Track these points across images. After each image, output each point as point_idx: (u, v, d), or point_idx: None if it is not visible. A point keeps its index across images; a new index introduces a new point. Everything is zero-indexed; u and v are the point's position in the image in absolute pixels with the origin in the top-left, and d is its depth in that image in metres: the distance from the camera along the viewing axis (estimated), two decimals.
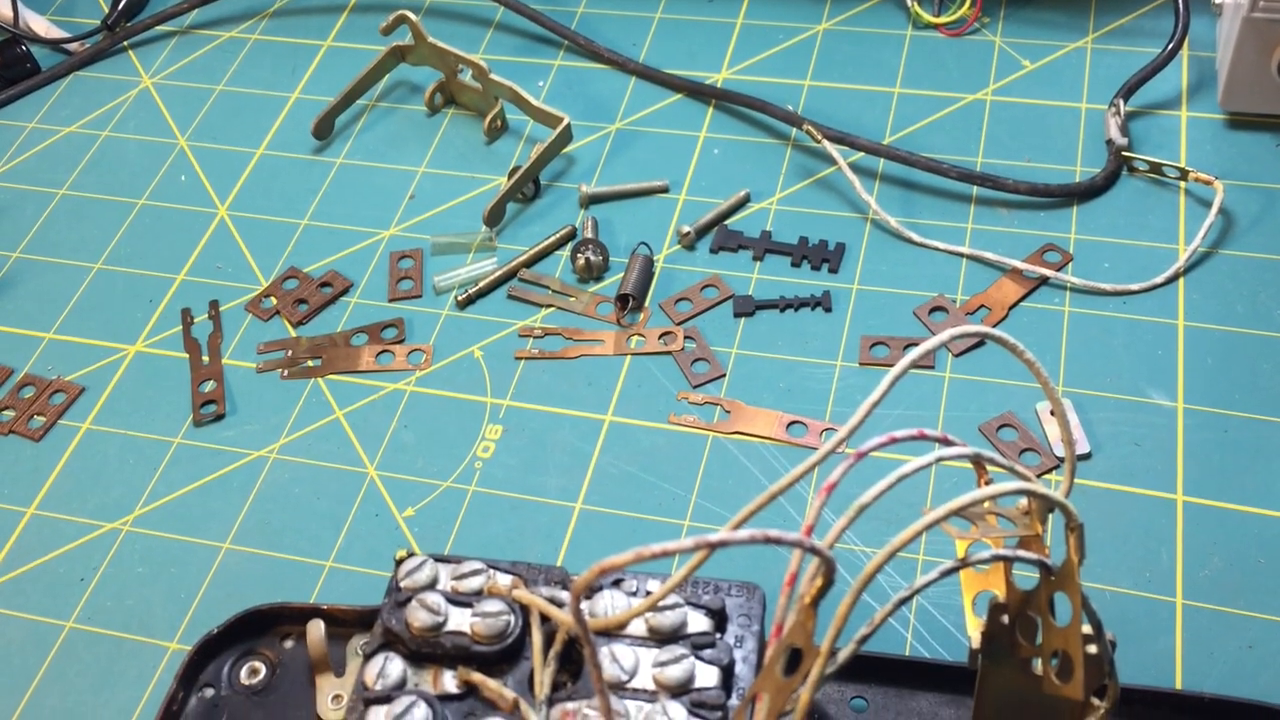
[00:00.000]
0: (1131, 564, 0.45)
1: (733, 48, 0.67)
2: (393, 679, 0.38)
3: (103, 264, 0.62)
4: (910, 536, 0.29)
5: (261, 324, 0.58)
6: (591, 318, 0.56)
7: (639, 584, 0.40)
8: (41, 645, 0.48)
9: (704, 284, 0.56)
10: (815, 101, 0.63)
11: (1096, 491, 0.48)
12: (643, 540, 0.47)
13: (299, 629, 0.44)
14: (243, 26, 0.73)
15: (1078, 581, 0.31)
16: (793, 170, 0.61)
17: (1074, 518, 0.31)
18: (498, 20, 0.71)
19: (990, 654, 0.33)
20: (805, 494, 0.49)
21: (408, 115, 0.66)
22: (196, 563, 0.50)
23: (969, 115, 0.61)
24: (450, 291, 0.58)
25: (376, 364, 0.55)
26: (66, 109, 0.70)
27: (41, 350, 0.58)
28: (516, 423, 0.53)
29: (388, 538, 0.49)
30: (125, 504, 0.52)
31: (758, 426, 0.51)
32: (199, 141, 0.67)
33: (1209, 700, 0.39)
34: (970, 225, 0.57)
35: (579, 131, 0.63)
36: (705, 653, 0.37)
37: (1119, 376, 0.51)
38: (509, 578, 0.40)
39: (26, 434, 0.55)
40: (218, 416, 0.54)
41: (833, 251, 0.56)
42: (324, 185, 0.63)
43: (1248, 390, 0.50)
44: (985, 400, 0.51)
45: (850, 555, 0.46)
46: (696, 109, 0.64)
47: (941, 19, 0.65)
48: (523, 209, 0.61)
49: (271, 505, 0.51)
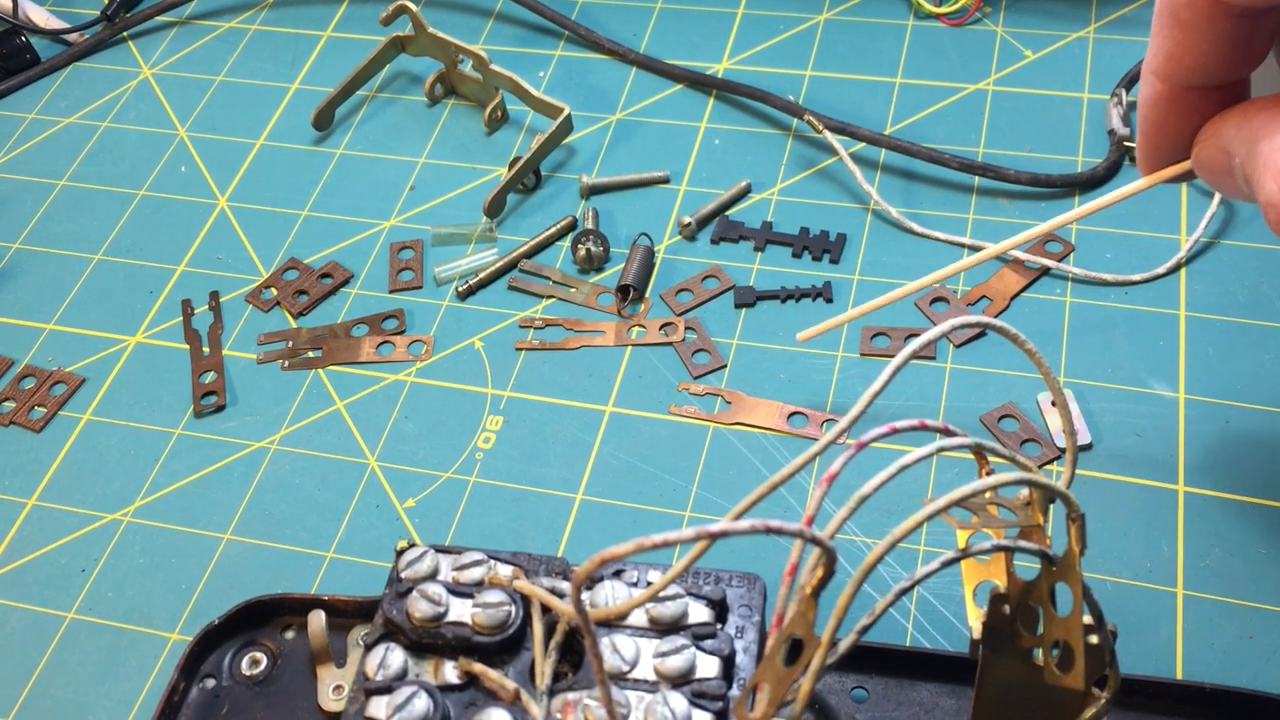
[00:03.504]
0: (1132, 554, 0.45)
1: (734, 38, 0.67)
2: (394, 669, 0.38)
3: (103, 255, 0.62)
4: (911, 527, 0.29)
5: (262, 315, 0.58)
6: (592, 309, 0.56)
7: (640, 574, 0.40)
8: (43, 636, 0.48)
9: (705, 275, 0.56)
10: (816, 92, 0.63)
11: (1097, 482, 0.47)
12: (643, 531, 0.47)
13: (300, 620, 0.44)
14: (242, 17, 0.73)
15: (1079, 572, 0.31)
16: (794, 161, 0.60)
17: (1075, 508, 0.31)
18: (498, 10, 0.70)
19: (991, 644, 0.33)
20: (806, 485, 0.49)
21: (408, 106, 0.66)
22: (198, 553, 0.50)
23: (970, 105, 0.61)
24: (451, 282, 0.58)
25: (377, 355, 0.55)
26: (66, 100, 0.70)
27: (42, 341, 0.58)
28: (517, 413, 0.53)
29: (388, 528, 0.49)
30: (126, 495, 0.52)
31: (758, 417, 0.51)
32: (199, 132, 0.67)
33: (1210, 690, 0.39)
34: (971, 216, 0.57)
35: (579, 122, 0.63)
36: (706, 643, 0.37)
37: (1120, 367, 0.51)
38: (510, 568, 0.40)
39: (27, 425, 0.55)
40: (218, 407, 0.54)
41: (834, 242, 0.56)
42: (324, 176, 0.63)
43: (1249, 380, 0.50)
44: (986, 391, 0.51)
45: (851, 546, 0.46)
46: (697, 99, 0.64)
47: (943, 9, 0.65)
48: (523, 200, 0.61)
49: (272, 496, 0.51)
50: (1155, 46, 0.35)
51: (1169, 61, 0.35)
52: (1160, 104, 0.36)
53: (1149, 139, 0.37)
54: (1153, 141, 0.37)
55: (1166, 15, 0.34)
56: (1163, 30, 0.34)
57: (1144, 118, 0.37)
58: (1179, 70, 0.35)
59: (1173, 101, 0.36)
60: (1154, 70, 0.35)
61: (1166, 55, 0.34)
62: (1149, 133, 0.37)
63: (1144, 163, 0.38)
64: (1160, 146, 0.37)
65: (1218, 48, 0.34)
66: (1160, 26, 0.34)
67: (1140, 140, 0.38)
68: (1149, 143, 0.37)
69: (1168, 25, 0.34)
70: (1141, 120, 0.37)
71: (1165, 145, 0.37)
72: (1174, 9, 0.33)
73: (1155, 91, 0.36)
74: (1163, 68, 0.35)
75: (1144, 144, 0.38)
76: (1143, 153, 0.38)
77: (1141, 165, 0.39)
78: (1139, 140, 0.38)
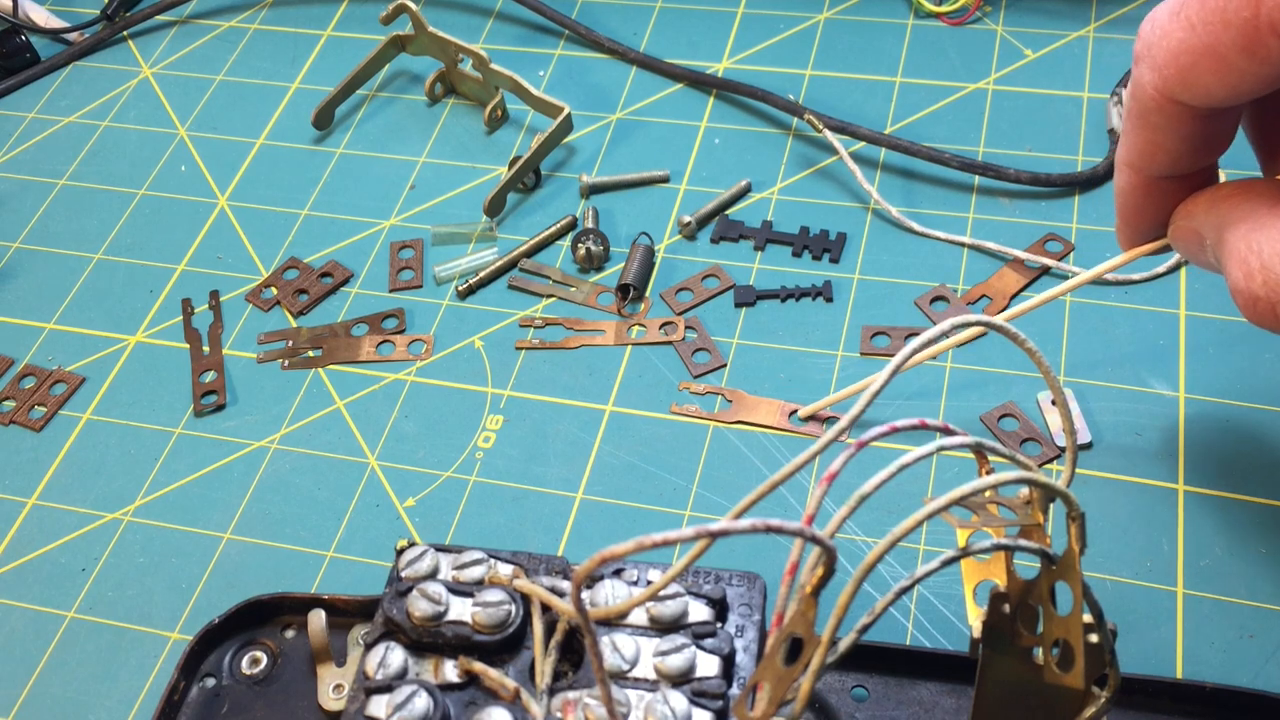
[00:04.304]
0: (1132, 553, 0.45)
1: (734, 37, 0.67)
2: (394, 668, 0.38)
3: (103, 254, 0.62)
4: (911, 526, 0.29)
5: (262, 314, 0.58)
6: (592, 308, 0.56)
7: (640, 573, 0.40)
8: (43, 635, 0.48)
9: (705, 274, 0.56)
10: (816, 91, 0.63)
11: (1097, 481, 0.47)
12: (644, 530, 0.47)
13: (300, 619, 0.44)
14: (242, 16, 0.73)
15: (1079, 571, 0.31)
16: (794, 160, 0.60)
17: (1075, 507, 0.31)
18: (498, 10, 0.70)
19: (991, 643, 0.33)
20: (806, 484, 0.49)
21: (408, 105, 0.66)
22: (198, 553, 0.50)
23: (970, 105, 0.61)
24: (451, 282, 0.58)
25: (377, 354, 0.55)
26: (66, 99, 0.70)
27: (42, 341, 0.58)
28: (517, 413, 0.53)
29: (389, 528, 0.49)
30: (126, 494, 0.52)
31: (760, 415, 0.51)
32: (199, 131, 0.67)
33: (1210, 689, 0.39)
34: (972, 215, 0.57)
35: (579, 121, 0.63)
36: (706, 642, 0.37)
37: (1120, 366, 0.51)
38: (510, 567, 0.40)
39: (27, 424, 0.55)
40: (218, 407, 0.54)
41: (834, 241, 0.56)
42: (324, 175, 0.63)
43: (1249, 380, 0.50)
44: (986, 390, 0.51)
45: (851, 545, 0.46)
46: (697, 99, 0.64)
47: (943, 8, 0.65)
48: (523, 199, 0.61)
49: (272, 495, 0.51)
50: (1128, 142, 0.37)
51: (1141, 157, 0.37)
52: (1136, 192, 0.39)
53: (1126, 220, 0.40)
54: (1131, 223, 0.40)
55: (1136, 117, 0.36)
56: (1133, 130, 0.37)
57: (1121, 203, 0.40)
58: (1151, 164, 0.37)
59: (1147, 189, 0.38)
60: (1128, 163, 0.38)
61: (1139, 152, 0.37)
62: (1126, 216, 0.40)
63: (1122, 240, 0.41)
64: (1138, 227, 0.40)
65: (1185, 143, 0.36)
66: (1131, 126, 0.37)
67: (1118, 221, 0.41)
68: (1127, 223, 0.40)
69: (1138, 126, 0.36)
70: (1119, 205, 0.40)
71: (1143, 226, 0.40)
72: (1143, 112, 0.36)
73: (1129, 181, 0.39)
74: (1136, 161, 0.37)
75: (1122, 224, 0.40)
76: (1121, 232, 0.41)
77: (1120, 242, 0.41)
78: (1117, 220, 0.41)
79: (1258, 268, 0.33)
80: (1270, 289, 0.33)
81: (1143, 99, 0.35)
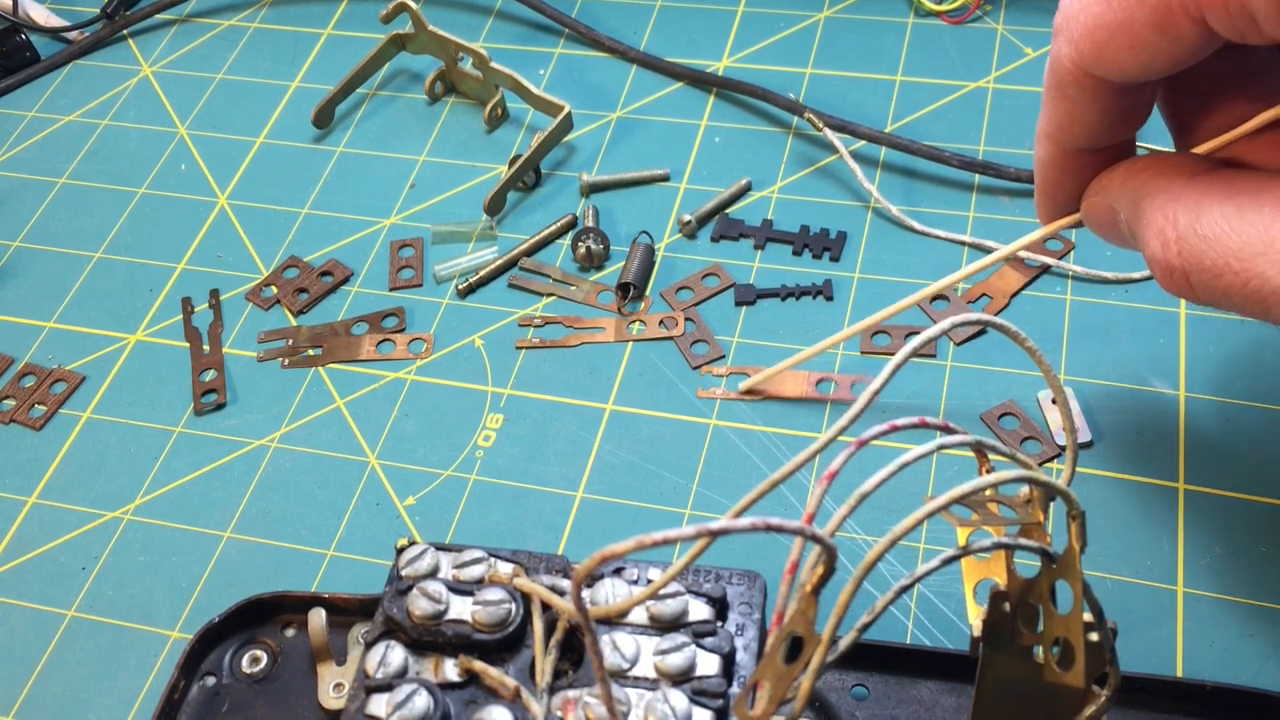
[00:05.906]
0: (1133, 552, 0.45)
1: (734, 36, 0.67)
2: (394, 667, 0.38)
3: (103, 253, 0.61)
4: (911, 525, 0.29)
5: (262, 313, 0.58)
6: (592, 306, 0.56)
7: (640, 572, 0.40)
8: (43, 634, 0.48)
9: (705, 273, 0.56)
10: (816, 89, 0.63)
11: (1098, 480, 0.47)
12: (644, 528, 0.47)
13: (300, 618, 0.44)
14: (242, 15, 0.73)
15: (1079, 569, 0.31)
16: (794, 159, 0.60)
17: (1075, 506, 0.31)
18: (498, 8, 0.70)
19: (991, 642, 0.33)
20: (806, 482, 0.49)
21: (408, 104, 0.66)
22: (198, 551, 0.50)
23: (971, 103, 0.61)
24: (451, 280, 0.58)
25: (377, 353, 0.55)
26: (66, 98, 0.70)
27: (42, 339, 0.58)
28: (517, 411, 0.53)
29: (389, 526, 0.49)
30: (126, 493, 0.52)
31: (787, 388, 0.51)
32: (199, 130, 0.67)
33: (1210, 688, 0.39)
34: (972, 213, 0.57)
35: (580, 120, 0.63)
36: (706, 641, 0.37)
37: (1121, 365, 0.51)
38: (510, 566, 0.40)
39: (27, 423, 0.55)
40: (218, 405, 0.54)
41: (834, 240, 0.56)
42: (324, 174, 0.63)
43: (1250, 378, 0.50)
44: (987, 388, 0.51)
45: (851, 543, 0.46)
46: (697, 97, 0.64)
47: (943, 6, 0.65)
48: (523, 198, 0.61)
49: (272, 494, 0.51)
50: (1046, 114, 0.38)
51: (1059, 129, 0.37)
52: (1054, 164, 0.39)
53: (1046, 193, 0.41)
54: (1050, 195, 0.40)
55: (1053, 89, 0.36)
56: (1051, 102, 0.37)
57: (1040, 176, 0.40)
58: (1068, 137, 0.38)
59: (1065, 161, 0.39)
60: (1046, 135, 0.38)
61: (1057, 124, 0.37)
62: (1045, 189, 0.40)
63: (1041, 213, 0.42)
64: (1056, 199, 0.40)
65: (1103, 116, 0.36)
66: (1049, 98, 0.37)
67: (1038, 194, 0.41)
68: (1046, 196, 0.41)
69: (1055, 98, 0.37)
70: (1037, 178, 0.40)
71: (1060, 199, 0.40)
72: (1060, 85, 0.36)
73: (1048, 153, 0.39)
74: (1054, 134, 0.38)
75: (1041, 197, 0.41)
76: (1041, 205, 0.41)
77: (1040, 215, 0.42)
78: (1036, 194, 0.41)
79: (1174, 238, 0.33)
80: (1185, 259, 0.33)
81: (1060, 71, 0.35)
